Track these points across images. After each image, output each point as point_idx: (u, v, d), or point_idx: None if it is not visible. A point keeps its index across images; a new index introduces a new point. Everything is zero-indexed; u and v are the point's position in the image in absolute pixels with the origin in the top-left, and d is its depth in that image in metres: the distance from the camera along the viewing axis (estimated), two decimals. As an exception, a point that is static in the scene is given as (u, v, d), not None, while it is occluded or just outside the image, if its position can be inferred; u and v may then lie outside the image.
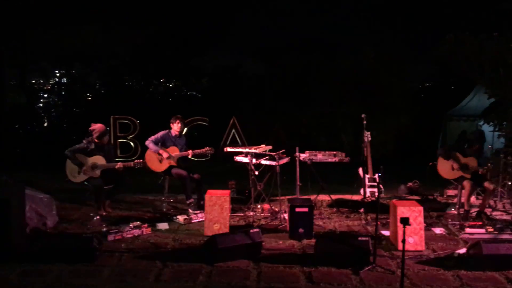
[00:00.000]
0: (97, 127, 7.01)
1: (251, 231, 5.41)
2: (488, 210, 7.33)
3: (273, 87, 16.01)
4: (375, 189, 7.55)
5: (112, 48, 19.16)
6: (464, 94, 15.48)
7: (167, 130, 7.54)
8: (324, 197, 7.87)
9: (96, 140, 6.98)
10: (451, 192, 8.45)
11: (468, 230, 6.20)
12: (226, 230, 6.07)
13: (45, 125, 19.23)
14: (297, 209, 6.03)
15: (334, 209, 7.57)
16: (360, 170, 7.92)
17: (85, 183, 6.98)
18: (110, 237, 5.88)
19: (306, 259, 5.30)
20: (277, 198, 7.18)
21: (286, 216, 6.63)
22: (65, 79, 21.86)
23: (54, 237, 5.71)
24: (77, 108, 19.53)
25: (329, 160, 7.53)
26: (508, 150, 8.03)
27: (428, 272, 4.98)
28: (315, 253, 5.30)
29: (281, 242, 5.94)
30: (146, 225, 6.31)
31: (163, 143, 7.44)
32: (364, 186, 7.80)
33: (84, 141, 7.00)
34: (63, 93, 21.24)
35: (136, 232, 6.11)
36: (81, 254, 5.12)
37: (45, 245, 5.22)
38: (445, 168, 7.17)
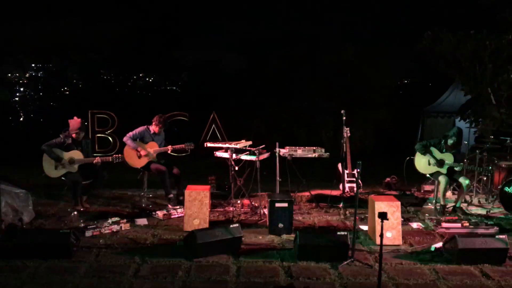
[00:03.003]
0: (73, 121, 6.92)
1: (231, 226, 5.41)
2: (464, 205, 7.46)
3: (254, 82, 16.01)
4: (354, 184, 7.62)
5: (90, 41, 18.90)
6: (441, 91, 15.69)
7: (146, 126, 7.45)
8: (304, 192, 7.91)
9: (73, 135, 6.90)
10: (428, 187, 8.59)
11: (444, 224, 6.30)
12: (206, 225, 6.05)
13: (21, 119, 18.88)
14: (277, 204, 6.05)
15: (314, 204, 7.61)
16: (339, 166, 7.98)
17: (63, 178, 6.90)
18: (88, 233, 5.81)
19: (286, 254, 5.32)
20: (257, 193, 7.19)
21: (265, 211, 6.65)
22: (41, 72, 21.50)
23: (30, 233, 5.60)
24: (54, 102, 19.23)
25: (309, 155, 7.57)
26: (483, 146, 8.18)
27: (405, 266, 5.05)
28: (294, 248, 5.33)
29: (260, 237, 5.95)
30: (124, 220, 6.26)
31: (142, 138, 7.37)
32: (343, 181, 7.86)
33: (61, 136, 6.92)
34: (39, 86, 20.88)
35: (115, 227, 6.04)
36: (58, 250, 5.04)
37: (20, 240, 5.11)
38: (422, 163, 7.28)
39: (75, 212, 6.65)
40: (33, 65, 21.74)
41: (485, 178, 8.27)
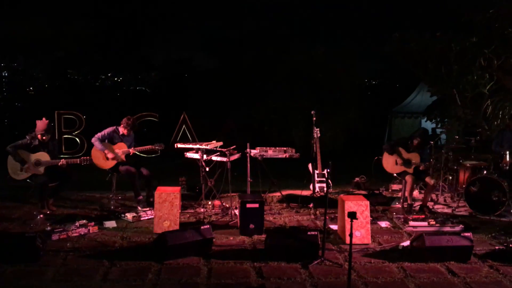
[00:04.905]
0: (40, 123, 6.77)
1: (202, 227, 5.39)
2: (430, 204, 7.62)
3: (225, 82, 15.97)
4: (324, 184, 7.70)
5: (57, 40, 18.46)
6: (408, 92, 16.03)
7: (115, 127, 7.33)
8: (275, 193, 7.94)
9: (39, 136, 6.74)
10: (395, 186, 8.74)
11: (411, 223, 6.43)
12: (176, 227, 6.01)
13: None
14: (248, 205, 6.05)
15: (284, 205, 7.64)
16: (310, 166, 8.03)
17: (28, 180, 6.74)
18: (55, 236, 5.68)
19: (257, 254, 5.33)
20: (228, 194, 7.18)
21: (237, 212, 6.64)
22: (6, 72, 20.88)
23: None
24: (20, 103, 18.74)
25: (280, 156, 7.60)
26: (449, 146, 8.37)
27: (374, 264, 5.13)
28: (265, 248, 5.33)
29: (231, 238, 5.95)
30: (92, 223, 6.14)
31: (111, 139, 7.24)
32: (313, 181, 7.92)
33: (27, 137, 6.76)
34: (4, 87, 20.29)
35: (82, 230, 5.93)
36: (23, 254, 4.91)
37: (-16, 245, 4.97)
38: (390, 162, 7.40)
39: (41, 215, 6.50)
40: (-4, 64, 21.09)
41: (450, 178, 8.47)
